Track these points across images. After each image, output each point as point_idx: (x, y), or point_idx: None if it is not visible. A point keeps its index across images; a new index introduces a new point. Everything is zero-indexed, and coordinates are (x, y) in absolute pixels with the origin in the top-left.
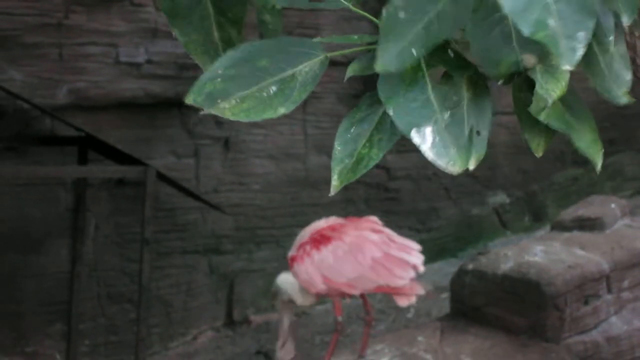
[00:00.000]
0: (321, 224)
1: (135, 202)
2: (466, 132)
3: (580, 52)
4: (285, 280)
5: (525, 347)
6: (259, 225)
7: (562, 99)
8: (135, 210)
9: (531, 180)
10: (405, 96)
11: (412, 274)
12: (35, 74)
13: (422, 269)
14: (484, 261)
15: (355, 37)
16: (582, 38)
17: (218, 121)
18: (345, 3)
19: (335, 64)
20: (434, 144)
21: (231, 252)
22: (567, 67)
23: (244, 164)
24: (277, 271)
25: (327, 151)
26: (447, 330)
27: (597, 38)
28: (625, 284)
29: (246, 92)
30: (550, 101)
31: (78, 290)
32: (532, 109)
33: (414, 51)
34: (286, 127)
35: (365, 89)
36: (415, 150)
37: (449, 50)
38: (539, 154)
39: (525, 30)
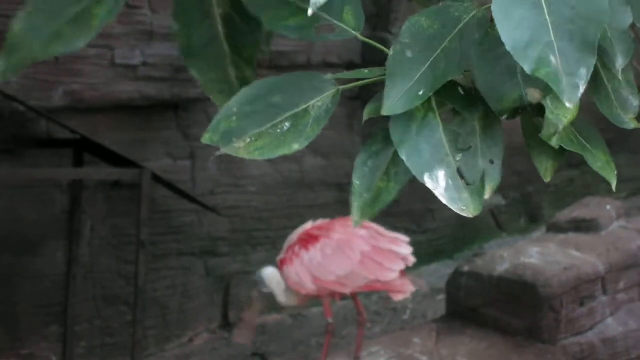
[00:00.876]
0: (308, 226)
1: (131, 205)
2: (480, 168)
3: (582, 89)
4: (271, 275)
5: (521, 348)
6: (255, 227)
7: (574, 126)
8: (131, 213)
9: (527, 182)
10: (417, 139)
11: (402, 266)
12: (30, 76)
13: (412, 260)
14: (480, 263)
15: (366, 71)
16: (583, 75)
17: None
18: (354, 33)
19: (333, 67)
20: (447, 189)
21: (227, 254)
22: (569, 104)
23: (240, 166)
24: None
25: (324, 153)
26: (443, 332)
27: (604, 64)
28: (621, 285)
29: (261, 130)
30: (561, 127)
31: (74, 293)
32: (544, 134)
33: (420, 92)
34: None
35: (361, 91)
36: None
37: (459, 88)
38: (547, 178)
39: (527, 68)
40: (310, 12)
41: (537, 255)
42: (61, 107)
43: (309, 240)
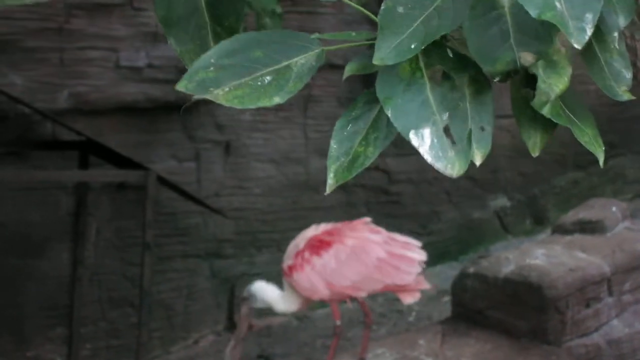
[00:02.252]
0: (311, 231)
1: (136, 206)
2: (468, 128)
3: (589, 32)
4: (261, 288)
5: (527, 350)
6: (260, 229)
7: (562, 98)
8: (136, 215)
9: (532, 184)
10: (404, 97)
11: (418, 269)
12: (36, 79)
13: (424, 264)
14: (485, 264)
15: (354, 34)
16: (589, 19)
17: (219, 125)
18: None
19: (335, 67)
20: (432, 147)
21: (232, 256)
22: (577, 45)
23: (245, 168)
24: (278, 275)
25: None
26: (449, 334)
27: (597, 36)
28: (627, 286)
29: (240, 81)
30: (553, 95)
31: (79, 294)
32: (535, 103)
33: (412, 45)
34: (287, 130)
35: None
36: (416, 153)
37: (448, 50)
38: (535, 153)
39: (533, 12)
40: None
41: (542, 256)
42: (66, 109)
43: (320, 246)
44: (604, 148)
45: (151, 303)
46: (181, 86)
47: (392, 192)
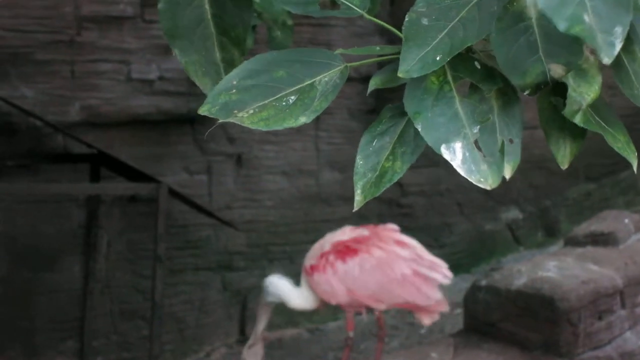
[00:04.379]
0: (339, 234)
1: (148, 219)
2: (498, 143)
3: (618, 46)
4: (277, 283)
5: None
6: (272, 241)
7: (592, 106)
8: (148, 227)
9: (544, 196)
10: (433, 111)
11: (439, 294)
12: (47, 91)
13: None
14: (497, 277)
15: (377, 47)
16: (619, 33)
17: (230, 137)
18: (359, 10)
19: (347, 79)
20: (464, 160)
21: (244, 269)
22: (606, 60)
23: (256, 180)
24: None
25: (340, 167)
26: (461, 347)
27: (625, 45)
28: (639, 299)
29: (264, 102)
30: (584, 103)
31: (91, 307)
32: (567, 112)
33: (437, 57)
34: (298, 143)
35: (378, 105)
36: (428, 165)
37: (476, 62)
38: (564, 165)
39: (561, 26)
40: None
41: (554, 269)
42: (78, 122)
43: (346, 252)
44: (637, 154)
45: (163, 316)
46: (204, 110)
47: (404, 204)
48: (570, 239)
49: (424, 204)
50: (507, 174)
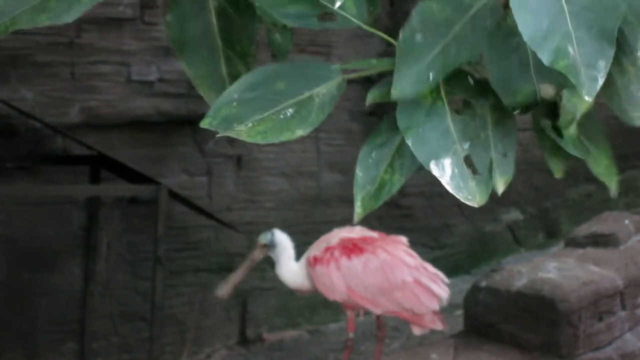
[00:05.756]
0: (347, 231)
1: (148, 221)
2: (489, 158)
3: (601, 81)
4: (285, 239)
5: None
6: None
7: (580, 125)
8: (148, 229)
9: (544, 197)
10: (424, 126)
11: (436, 306)
12: (47, 93)
13: (445, 302)
14: (497, 278)
15: (374, 61)
16: (602, 67)
17: (230, 139)
18: (356, 22)
19: (349, 82)
20: (452, 177)
21: None
22: (587, 98)
23: (256, 182)
24: (291, 290)
25: (340, 168)
26: (461, 348)
27: (614, 58)
28: (639, 300)
29: (262, 115)
30: (578, 114)
31: (91, 309)
32: (561, 123)
33: (430, 75)
34: (298, 144)
35: (378, 107)
36: None
37: (469, 78)
38: (559, 174)
39: (545, 59)
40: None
41: (555, 270)
42: (77, 124)
43: (352, 249)
44: (618, 176)
45: (163, 317)
46: (205, 124)
47: (404, 206)
48: (571, 240)
49: (424, 205)
50: (500, 189)
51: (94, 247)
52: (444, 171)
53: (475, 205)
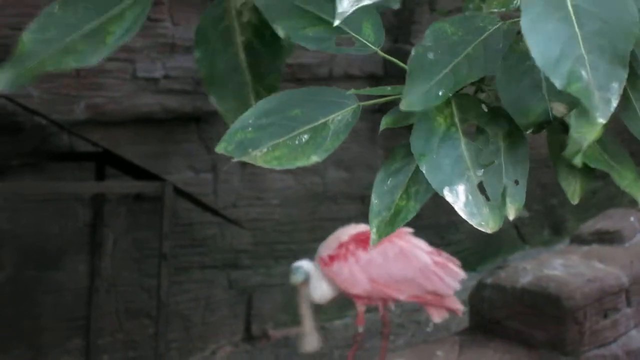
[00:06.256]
0: (352, 229)
1: (153, 217)
2: (502, 184)
3: (614, 103)
4: (304, 263)
5: None
6: (278, 240)
7: (600, 142)
8: (153, 226)
9: (550, 194)
10: (438, 152)
11: (457, 285)
12: (52, 90)
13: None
14: (503, 275)
15: (389, 88)
16: (615, 89)
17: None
18: (373, 48)
19: (352, 78)
20: (466, 204)
21: (250, 267)
22: (601, 120)
23: (262, 178)
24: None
25: (346, 165)
26: (466, 345)
27: (630, 81)
28: None
29: (277, 141)
30: (585, 145)
31: (96, 306)
32: (567, 152)
33: (440, 92)
34: None
35: (383, 105)
36: None
37: (483, 105)
38: (574, 200)
39: (558, 84)
40: (336, 22)
41: (560, 267)
42: (83, 121)
43: (367, 240)
44: None
45: (168, 314)
46: (220, 148)
47: None
48: (576, 237)
49: (430, 202)
50: (511, 216)
51: (100, 244)
52: (458, 197)
53: (489, 231)
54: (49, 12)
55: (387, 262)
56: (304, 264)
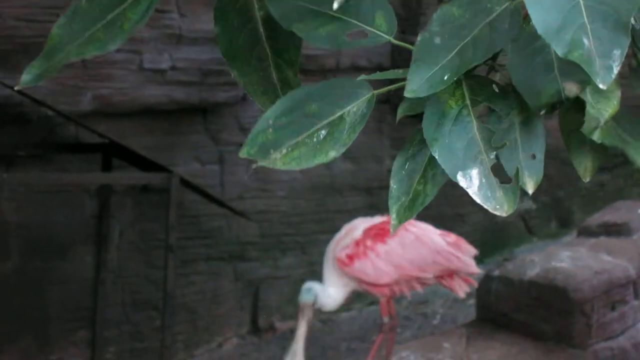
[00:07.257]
0: (359, 223)
1: (160, 209)
2: (520, 160)
3: (616, 70)
4: (312, 284)
5: (552, 353)
6: (284, 232)
7: (615, 118)
8: (160, 217)
9: (557, 186)
10: (450, 137)
11: (473, 251)
12: (59, 81)
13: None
14: (510, 267)
15: (400, 71)
16: (617, 56)
17: (242, 127)
18: (387, 37)
19: (359, 69)
20: (480, 187)
21: (256, 259)
22: (602, 86)
23: (268, 170)
24: (303, 278)
25: (352, 157)
26: (473, 337)
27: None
28: None
29: (297, 140)
30: (602, 121)
31: (103, 297)
32: (585, 129)
33: (445, 76)
34: None
35: (391, 94)
36: None
37: (494, 85)
38: (586, 178)
39: (560, 51)
40: (335, 5)
41: (567, 259)
42: (89, 112)
43: (383, 234)
44: None
45: (175, 306)
46: (244, 153)
47: None
48: (584, 230)
49: (437, 194)
50: (530, 190)
51: (106, 235)
52: (472, 182)
53: (504, 214)
54: (75, 6)
55: (407, 250)
56: (315, 286)
